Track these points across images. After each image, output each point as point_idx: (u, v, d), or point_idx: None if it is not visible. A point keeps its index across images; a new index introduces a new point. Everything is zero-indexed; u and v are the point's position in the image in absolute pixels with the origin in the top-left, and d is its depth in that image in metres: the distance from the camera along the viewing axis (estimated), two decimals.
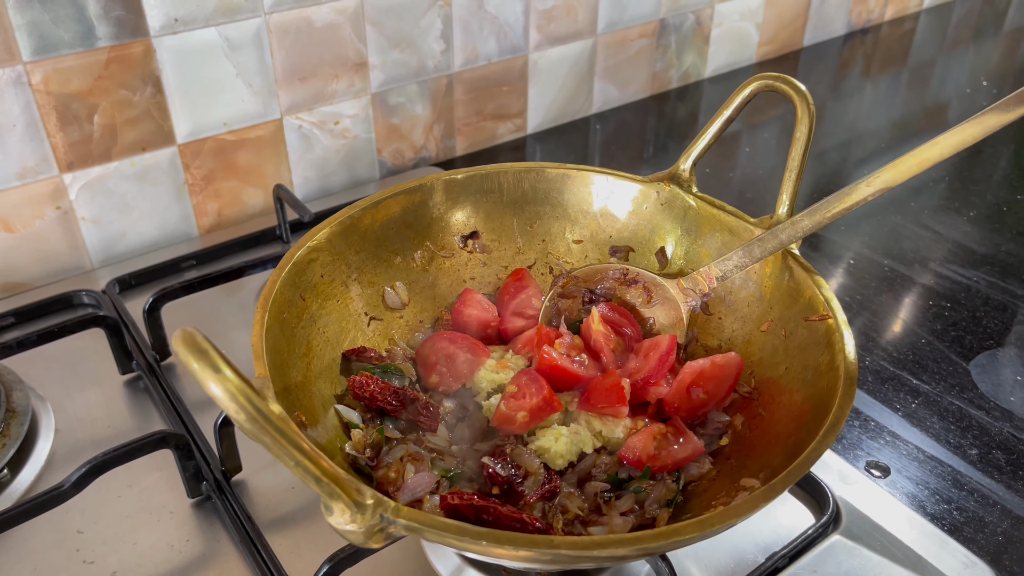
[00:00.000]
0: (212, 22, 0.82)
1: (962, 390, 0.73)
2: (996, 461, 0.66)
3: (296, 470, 0.36)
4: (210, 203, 0.92)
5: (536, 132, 1.17)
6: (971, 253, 0.92)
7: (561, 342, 0.59)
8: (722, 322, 0.61)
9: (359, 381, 0.54)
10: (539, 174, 0.66)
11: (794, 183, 0.58)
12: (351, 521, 0.38)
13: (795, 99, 0.57)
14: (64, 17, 0.74)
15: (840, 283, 0.88)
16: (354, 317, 0.60)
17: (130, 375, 0.72)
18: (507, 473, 0.49)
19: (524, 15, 1.06)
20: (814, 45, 1.47)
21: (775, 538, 0.58)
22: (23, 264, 0.83)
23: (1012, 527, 0.61)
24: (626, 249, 0.66)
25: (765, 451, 0.50)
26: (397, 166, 1.06)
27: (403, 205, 0.63)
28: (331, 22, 0.90)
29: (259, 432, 0.34)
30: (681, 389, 0.56)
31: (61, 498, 0.54)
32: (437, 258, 0.65)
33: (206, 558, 0.57)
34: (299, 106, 0.93)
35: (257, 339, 0.48)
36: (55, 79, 0.76)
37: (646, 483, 0.51)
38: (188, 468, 0.60)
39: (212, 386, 0.33)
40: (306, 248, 0.57)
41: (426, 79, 1.02)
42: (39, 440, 0.66)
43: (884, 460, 0.66)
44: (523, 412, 0.53)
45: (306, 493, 0.61)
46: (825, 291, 0.54)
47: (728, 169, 1.10)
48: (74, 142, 0.80)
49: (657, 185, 0.65)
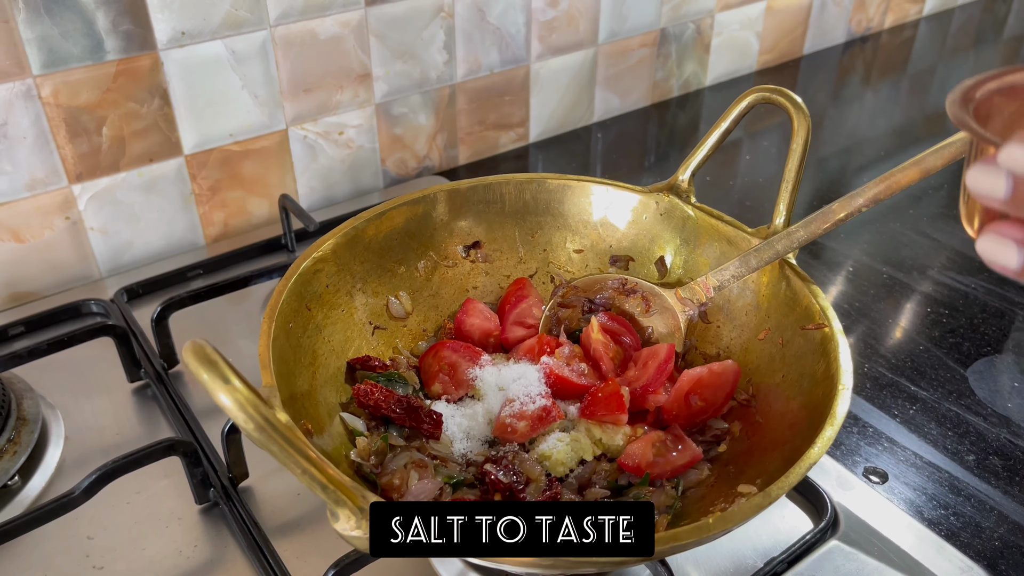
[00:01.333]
0: (218, 35, 0.84)
1: (960, 396, 0.74)
2: (993, 467, 0.67)
3: (303, 478, 0.37)
4: (216, 213, 0.93)
5: (538, 141, 1.18)
6: (969, 261, 0.92)
7: (561, 351, 0.60)
8: (720, 331, 0.62)
9: (364, 389, 0.55)
10: (540, 185, 0.67)
11: (791, 194, 0.59)
12: (356, 527, 0.39)
13: (791, 111, 0.58)
14: (73, 31, 0.76)
15: (839, 290, 0.88)
16: (359, 326, 0.61)
17: (138, 383, 0.73)
18: (509, 480, 0.50)
19: (526, 26, 1.07)
20: (814, 53, 1.48)
21: (774, 543, 0.59)
22: (33, 274, 0.84)
23: (1008, 532, 0.62)
24: (626, 259, 0.67)
25: (762, 458, 0.51)
26: (401, 175, 1.07)
27: (406, 216, 0.64)
28: (335, 34, 0.91)
29: (267, 441, 0.35)
30: (679, 397, 0.57)
31: (71, 505, 0.55)
32: (440, 268, 0.66)
33: (214, 563, 0.58)
34: (304, 117, 0.94)
35: (264, 349, 0.49)
36: (64, 92, 0.78)
37: (645, 489, 0.52)
38: (196, 475, 0.61)
39: (222, 396, 0.34)
40: (311, 259, 0.58)
41: (429, 90, 1.03)
42: (49, 447, 0.67)
43: (882, 466, 0.67)
44: (524, 421, 0.54)
45: (312, 499, 0.62)
46: (821, 300, 0.55)
47: (729, 177, 1.11)
48: (83, 154, 0.81)
49: (656, 196, 0.66)
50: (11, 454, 0.64)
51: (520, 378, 0.58)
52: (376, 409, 0.54)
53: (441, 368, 0.60)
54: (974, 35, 1.60)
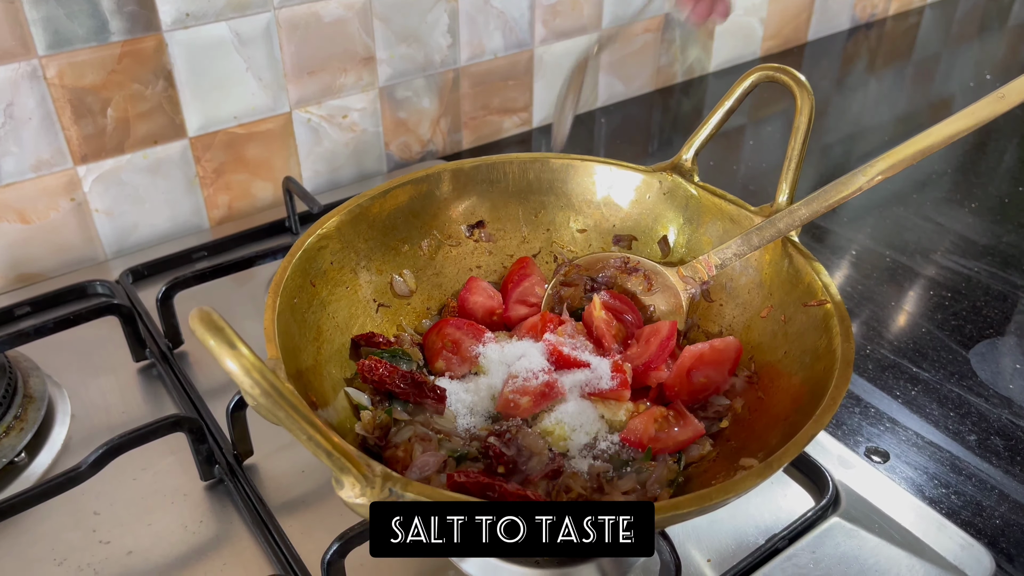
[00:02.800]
0: (223, 17, 0.84)
1: (962, 378, 0.74)
2: (995, 447, 0.67)
3: (308, 444, 0.37)
4: (221, 195, 0.93)
5: (542, 126, 1.18)
6: (973, 244, 0.92)
7: (563, 329, 0.60)
8: (723, 308, 0.62)
9: (368, 365, 0.55)
10: (544, 164, 0.67)
11: (794, 172, 0.59)
12: (361, 495, 0.39)
13: (795, 89, 0.58)
14: (78, 12, 0.76)
15: (844, 274, 0.89)
16: (363, 303, 0.61)
17: (143, 362, 0.74)
18: (512, 453, 0.50)
19: (530, 10, 1.07)
20: (818, 40, 1.48)
21: (775, 521, 0.60)
22: (39, 255, 0.85)
23: (1009, 511, 0.62)
24: (629, 238, 0.67)
25: (764, 433, 0.52)
26: (404, 159, 1.07)
27: (411, 194, 0.65)
28: (339, 17, 0.92)
29: (273, 407, 0.36)
30: (681, 373, 0.57)
31: (78, 479, 0.56)
32: (444, 247, 0.67)
33: (219, 539, 0.59)
34: (308, 100, 0.94)
35: (269, 323, 0.50)
36: (69, 73, 0.78)
37: (648, 464, 0.53)
38: (201, 452, 0.61)
39: (228, 362, 0.34)
40: (316, 236, 0.58)
41: (433, 73, 1.03)
42: (55, 425, 0.67)
43: (884, 446, 0.67)
44: (527, 396, 0.55)
45: (316, 476, 0.63)
46: (823, 277, 0.55)
47: (732, 162, 1.11)
48: (88, 135, 0.82)
49: (659, 175, 0.66)
50: (18, 431, 0.64)
51: (523, 355, 0.58)
52: (381, 384, 0.55)
53: (445, 345, 0.60)
54: (979, 22, 1.59)
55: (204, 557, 0.57)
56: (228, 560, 0.57)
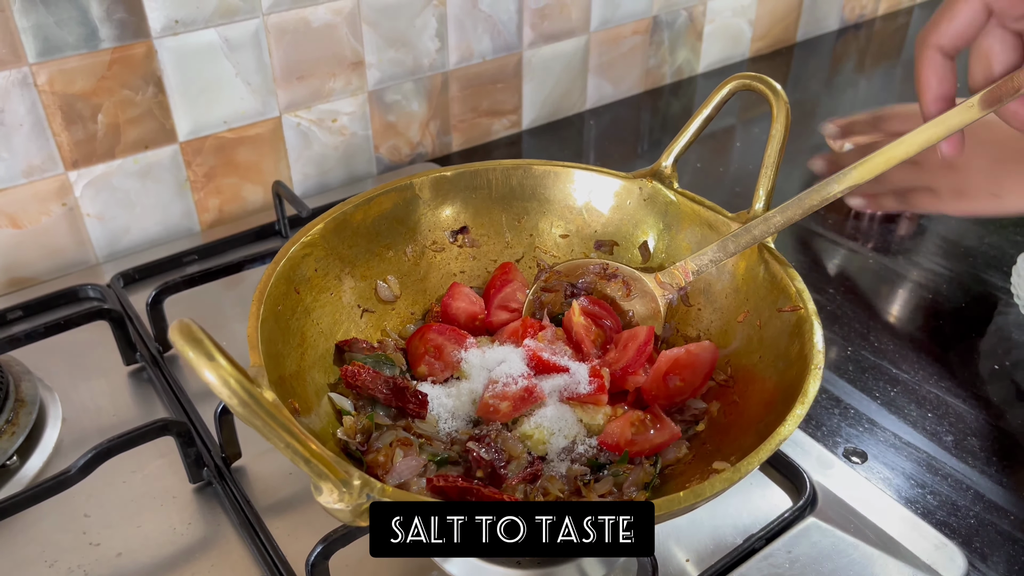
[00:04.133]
0: (211, 23, 0.85)
1: (940, 379, 0.75)
2: (971, 447, 0.68)
3: (286, 452, 0.38)
4: (211, 199, 0.94)
5: (531, 128, 1.19)
6: (954, 246, 0.93)
7: (544, 334, 0.61)
8: (701, 313, 0.63)
9: (351, 371, 0.56)
10: (526, 171, 0.68)
11: (771, 179, 0.60)
12: (339, 500, 0.40)
13: (771, 98, 0.59)
14: (68, 20, 0.77)
15: (824, 274, 0.90)
16: (347, 309, 0.62)
17: (134, 366, 0.75)
18: (491, 457, 0.51)
19: (518, 13, 1.08)
20: (807, 40, 1.48)
21: (753, 521, 0.61)
22: (30, 259, 0.86)
23: (984, 511, 0.63)
24: (611, 243, 0.68)
25: (739, 436, 0.53)
26: (394, 162, 1.08)
27: (394, 201, 0.66)
28: (328, 22, 0.92)
29: (251, 416, 0.37)
30: (658, 377, 0.58)
31: (68, 482, 0.57)
32: (428, 253, 0.68)
33: (207, 540, 0.60)
34: (297, 104, 0.95)
35: (252, 330, 0.51)
36: (60, 80, 0.79)
37: (624, 467, 0.54)
38: (190, 455, 0.62)
39: (206, 372, 0.35)
40: (300, 244, 0.59)
41: (422, 77, 1.04)
42: (47, 428, 0.68)
43: (862, 447, 0.69)
44: (506, 401, 0.56)
45: (303, 479, 0.64)
46: (797, 283, 0.56)
47: (720, 164, 1.12)
48: (79, 141, 0.82)
49: (640, 181, 0.67)
50: (9, 434, 0.65)
51: (504, 360, 0.59)
52: (363, 389, 0.56)
53: (427, 350, 0.61)
54: None
55: (192, 559, 0.58)
56: (216, 561, 0.58)
